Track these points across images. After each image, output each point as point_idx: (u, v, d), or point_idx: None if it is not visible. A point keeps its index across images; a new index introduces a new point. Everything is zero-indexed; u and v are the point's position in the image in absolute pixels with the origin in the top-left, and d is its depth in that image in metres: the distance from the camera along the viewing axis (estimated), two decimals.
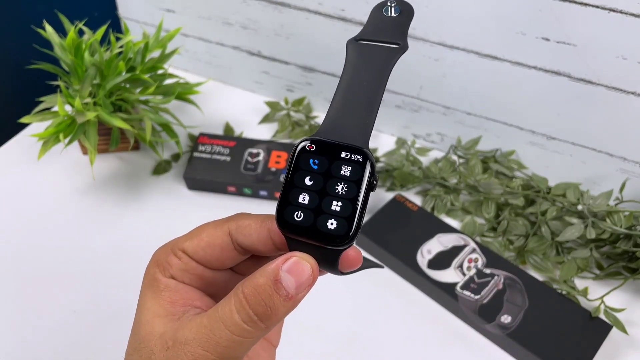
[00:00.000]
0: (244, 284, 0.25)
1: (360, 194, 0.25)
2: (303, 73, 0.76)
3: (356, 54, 0.28)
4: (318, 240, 0.26)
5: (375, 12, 0.30)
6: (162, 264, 0.29)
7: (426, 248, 0.60)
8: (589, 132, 0.62)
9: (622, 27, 0.52)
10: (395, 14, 0.29)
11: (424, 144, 0.74)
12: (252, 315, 0.25)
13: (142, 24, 0.82)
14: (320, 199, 0.26)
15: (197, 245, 0.29)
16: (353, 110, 0.27)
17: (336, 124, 0.27)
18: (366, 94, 0.27)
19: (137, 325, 0.28)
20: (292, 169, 0.26)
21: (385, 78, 0.27)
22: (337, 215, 0.25)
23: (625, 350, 0.54)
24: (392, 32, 0.29)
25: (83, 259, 0.61)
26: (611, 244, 0.59)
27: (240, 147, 0.69)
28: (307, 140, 0.26)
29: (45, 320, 0.56)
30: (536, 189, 0.64)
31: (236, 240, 0.29)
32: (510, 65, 0.61)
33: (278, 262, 0.25)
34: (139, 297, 0.29)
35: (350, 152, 0.26)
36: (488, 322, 0.54)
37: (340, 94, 0.27)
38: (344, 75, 0.28)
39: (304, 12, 0.68)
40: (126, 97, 0.64)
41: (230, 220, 0.29)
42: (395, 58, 0.28)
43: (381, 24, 0.29)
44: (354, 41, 0.29)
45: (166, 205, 0.67)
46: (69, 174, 0.70)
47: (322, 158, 0.26)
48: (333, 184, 0.25)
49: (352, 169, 0.25)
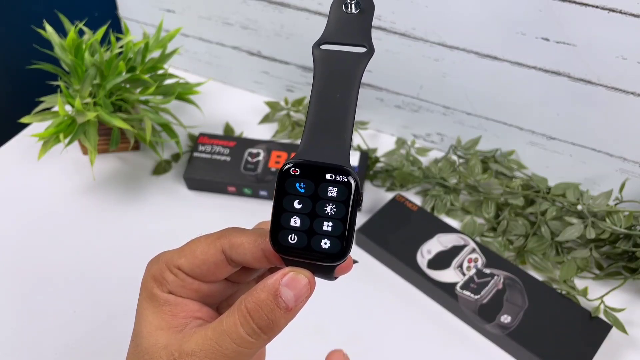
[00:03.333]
0: (247, 300, 0.27)
1: (349, 213, 0.26)
2: (303, 73, 0.76)
3: (323, 64, 0.28)
4: (314, 259, 0.27)
5: (335, 8, 0.29)
6: (158, 280, 0.30)
7: (426, 248, 0.60)
8: (588, 132, 0.62)
9: (622, 27, 0.52)
10: (356, 10, 0.29)
11: (423, 144, 0.74)
12: (255, 329, 0.26)
13: (142, 24, 0.82)
14: (311, 220, 0.26)
15: (192, 263, 0.29)
16: (328, 128, 0.27)
17: (315, 143, 0.27)
18: (339, 108, 0.27)
19: (138, 337, 0.29)
20: (279, 193, 0.27)
21: (356, 88, 0.27)
22: (330, 235, 0.26)
23: (625, 350, 0.54)
24: (355, 33, 0.28)
25: (83, 259, 0.61)
26: (611, 244, 0.59)
27: (240, 147, 0.69)
28: (291, 164, 0.27)
29: (45, 321, 0.56)
30: (536, 189, 0.64)
31: (230, 257, 0.29)
32: (510, 65, 0.61)
33: (277, 277, 0.27)
34: (138, 309, 0.30)
35: (334, 172, 0.26)
36: (488, 322, 0.54)
37: (313, 111, 0.27)
38: (315, 89, 0.28)
39: (304, 12, 0.68)
40: (126, 97, 0.64)
41: (222, 237, 0.29)
42: (363, 65, 0.28)
43: (343, 23, 0.29)
44: (318, 47, 0.28)
45: (166, 205, 0.67)
46: (69, 174, 0.70)
47: (308, 181, 0.26)
48: (322, 206, 0.26)
49: (338, 190, 0.26)
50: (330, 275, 0.28)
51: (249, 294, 0.27)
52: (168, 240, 0.64)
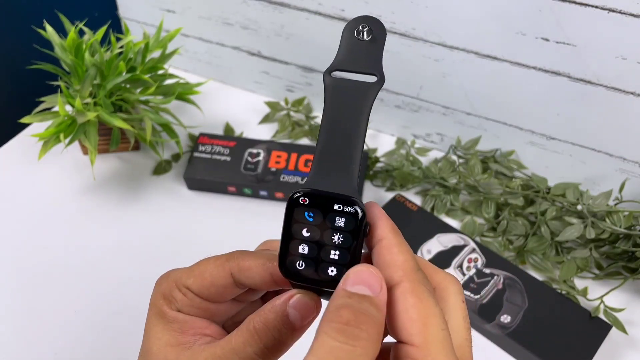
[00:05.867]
0: (255, 320, 0.27)
1: (356, 242, 0.27)
2: (303, 73, 0.76)
3: (334, 93, 0.28)
4: (320, 285, 0.27)
5: (347, 34, 0.30)
6: (167, 298, 0.30)
7: (426, 248, 0.60)
8: (588, 132, 0.62)
9: (622, 27, 0.52)
10: (368, 37, 0.29)
11: (423, 144, 0.75)
12: (263, 348, 0.27)
13: (142, 24, 0.82)
14: (318, 249, 0.27)
15: (201, 285, 0.30)
16: (337, 158, 0.28)
17: (323, 173, 0.28)
18: (348, 139, 0.28)
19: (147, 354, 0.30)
20: (288, 220, 0.27)
21: (365, 120, 0.28)
22: (337, 263, 0.27)
23: (625, 350, 0.54)
24: (367, 61, 0.29)
25: (83, 259, 0.61)
26: (611, 244, 0.59)
27: (240, 147, 0.69)
28: (300, 193, 0.27)
29: (45, 320, 0.56)
30: (536, 189, 0.64)
31: (238, 280, 0.30)
32: (510, 65, 0.61)
33: (285, 298, 0.27)
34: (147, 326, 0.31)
35: (342, 203, 0.27)
36: (488, 321, 0.54)
37: (323, 141, 0.28)
38: (324, 118, 0.28)
39: (304, 12, 0.68)
40: (126, 97, 0.65)
41: (231, 260, 0.30)
42: (373, 95, 0.28)
43: (355, 50, 0.29)
44: (329, 75, 0.29)
45: (166, 205, 0.67)
46: (69, 174, 0.70)
47: (316, 211, 0.27)
48: (329, 235, 0.27)
49: (346, 220, 0.27)
50: None
51: (257, 314, 0.28)
52: (168, 240, 0.65)
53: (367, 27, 0.29)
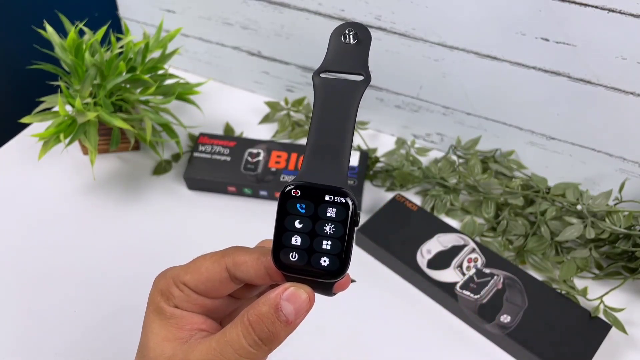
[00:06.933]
0: (249, 312, 0.28)
1: (347, 232, 0.28)
2: (303, 73, 0.76)
3: (322, 91, 0.30)
4: (314, 276, 0.28)
5: (334, 38, 0.31)
6: (165, 294, 0.31)
7: (426, 248, 0.60)
8: (588, 132, 0.62)
9: (621, 28, 0.52)
10: (354, 41, 0.31)
11: (423, 144, 0.75)
12: (257, 340, 0.28)
13: (142, 24, 0.82)
14: (311, 239, 0.28)
15: (198, 280, 0.31)
16: (327, 152, 0.29)
17: (314, 166, 0.29)
18: (337, 134, 0.29)
19: (144, 349, 0.30)
20: (281, 213, 0.28)
21: (353, 115, 0.29)
22: (329, 253, 0.28)
23: (625, 350, 0.54)
24: (353, 62, 0.30)
25: (83, 259, 0.62)
26: (610, 244, 0.59)
27: (240, 147, 0.69)
28: (292, 186, 0.28)
29: (45, 320, 0.56)
30: (536, 189, 0.64)
31: (233, 275, 0.31)
32: (509, 65, 0.61)
33: (278, 292, 0.28)
34: (145, 322, 0.31)
35: (333, 194, 0.28)
36: (488, 321, 0.54)
37: (313, 136, 0.29)
38: (314, 114, 0.29)
39: (304, 12, 0.68)
40: (126, 97, 0.65)
41: (226, 256, 0.31)
42: (360, 93, 0.29)
43: (342, 52, 0.31)
44: (318, 75, 0.30)
45: (166, 205, 0.67)
46: (69, 174, 0.70)
47: (308, 202, 0.28)
48: (321, 225, 0.28)
49: (337, 211, 0.28)
50: (329, 291, 0.29)
51: (252, 307, 0.28)
52: (168, 240, 0.65)
53: (354, 31, 0.31)
